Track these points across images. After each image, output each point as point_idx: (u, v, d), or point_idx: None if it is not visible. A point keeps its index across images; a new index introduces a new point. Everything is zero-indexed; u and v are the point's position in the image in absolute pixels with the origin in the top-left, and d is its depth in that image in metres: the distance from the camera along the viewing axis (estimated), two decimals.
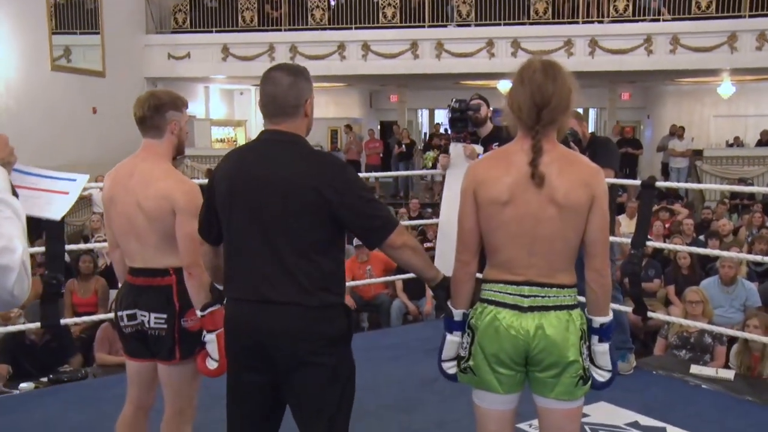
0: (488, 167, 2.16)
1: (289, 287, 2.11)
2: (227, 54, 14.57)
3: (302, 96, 2.19)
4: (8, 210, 1.46)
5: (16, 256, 1.38)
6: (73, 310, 6.32)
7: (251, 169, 2.17)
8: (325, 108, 18.72)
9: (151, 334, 2.59)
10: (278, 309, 2.12)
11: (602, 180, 2.13)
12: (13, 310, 6.44)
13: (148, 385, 2.73)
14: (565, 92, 2.07)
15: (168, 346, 2.57)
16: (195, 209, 2.42)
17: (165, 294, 2.56)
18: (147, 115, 2.55)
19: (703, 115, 17.62)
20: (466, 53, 13.75)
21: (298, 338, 2.12)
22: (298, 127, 2.21)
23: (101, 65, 13.62)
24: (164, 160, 2.59)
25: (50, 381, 4.47)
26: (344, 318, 2.21)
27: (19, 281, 1.39)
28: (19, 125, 10.96)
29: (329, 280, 2.17)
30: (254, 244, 2.15)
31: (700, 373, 4.24)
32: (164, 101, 2.57)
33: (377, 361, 4.36)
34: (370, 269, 7.02)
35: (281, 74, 2.19)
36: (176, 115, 2.59)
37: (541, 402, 2.16)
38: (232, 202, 2.18)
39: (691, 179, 13.71)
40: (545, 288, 2.10)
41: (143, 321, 2.58)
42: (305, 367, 2.14)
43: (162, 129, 2.57)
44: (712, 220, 9.74)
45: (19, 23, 11.62)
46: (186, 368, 2.62)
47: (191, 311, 2.55)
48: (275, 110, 2.18)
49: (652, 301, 6.85)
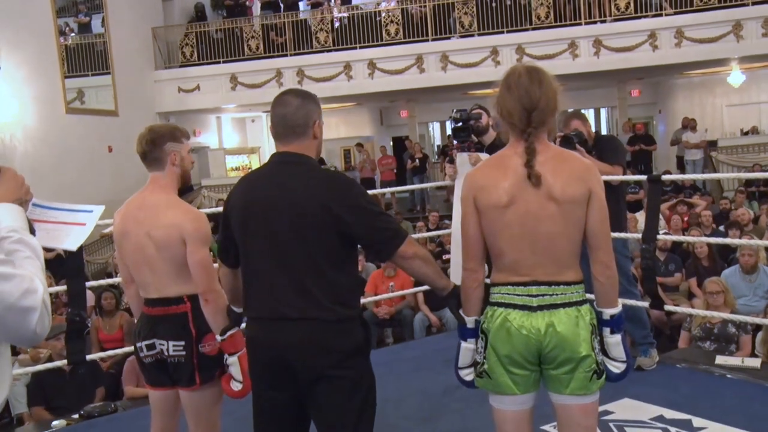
0: (485, 174, 2.20)
1: (305, 304, 2.17)
2: (236, 83, 14.76)
3: (310, 117, 2.27)
4: (27, 250, 1.52)
5: (38, 296, 1.43)
6: (101, 347, 6.41)
7: (262, 192, 2.24)
8: (336, 128, 18.86)
9: (171, 362, 2.64)
10: (295, 325, 2.17)
11: (596, 174, 2.18)
12: (42, 350, 6.56)
13: (170, 414, 2.78)
14: (551, 94, 2.13)
15: (188, 372, 2.62)
16: (204, 237, 2.50)
17: (181, 321, 2.61)
18: (147, 150, 2.63)
19: (715, 106, 17.48)
20: (472, 63, 13.81)
21: (316, 352, 2.17)
22: (307, 148, 2.28)
23: (114, 104, 13.86)
24: (170, 191, 2.66)
25: (81, 417, 4.53)
26: (361, 331, 2.26)
27: (41, 320, 1.44)
28: (38, 167, 11.18)
29: (344, 295, 2.22)
30: (269, 264, 2.21)
31: (726, 363, 4.20)
32: (161, 134, 2.64)
33: (400, 373, 4.38)
34: (392, 285, 7.05)
35: (290, 97, 2.29)
36: (175, 146, 2.65)
37: (557, 399, 2.18)
38: (246, 225, 2.25)
39: (707, 171, 13.60)
40: (552, 286, 2.13)
41: (162, 350, 2.64)
42: (325, 381, 2.18)
43: (163, 161, 2.63)
44: (731, 210, 9.66)
45: (32, 70, 11.89)
46: (207, 393, 2.67)
47: (208, 336, 2.61)
48: (284, 131, 2.26)
49: (675, 295, 6.82)
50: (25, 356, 6.61)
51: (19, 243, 1.52)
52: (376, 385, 2.30)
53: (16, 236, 1.53)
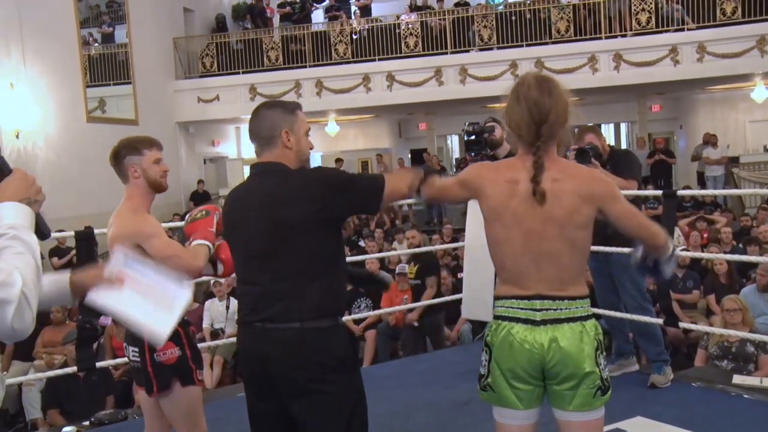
0: (493, 182, 2.15)
1: (287, 309, 2.16)
2: (255, 93, 14.85)
3: (276, 127, 2.26)
4: (21, 246, 1.52)
5: (15, 289, 1.42)
6: (114, 354, 6.44)
7: (241, 202, 2.29)
8: (354, 140, 18.92)
9: (134, 367, 2.72)
10: (277, 333, 2.15)
11: (602, 180, 2.16)
12: (57, 356, 6.61)
13: (155, 414, 2.82)
14: (561, 106, 2.09)
15: (145, 379, 2.68)
16: (150, 231, 2.57)
17: None
18: (112, 165, 2.74)
19: (738, 122, 17.29)
20: (491, 76, 13.78)
21: (296, 365, 2.15)
22: (281, 157, 2.27)
23: (134, 113, 13.99)
24: (132, 203, 2.71)
25: (92, 423, 4.54)
26: (345, 344, 2.24)
27: (18, 315, 1.42)
28: (60, 176, 11.32)
29: (326, 301, 2.19)
30: (252, 271, 2.24)
31: (743, 383, 4.11)
32: (119, 148, 2.73)
33: (409, 387, 4.34)
34: (406, 299, 7.02)
35: (260, 108, 2.33)
36: (134, 159, 2.71)
37: (561, 415, 2.15)
38: (231, 235, 2.34)
39: (728, 187, 13.43)
40: (557, 301, 2.10)
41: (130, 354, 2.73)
42: (308, 395, 2.15)
43: (125, 174, 2.72)
44: (752, 227, 9.52)
45: (55, 79, 12.05)
46: (173, 398, 2.70)
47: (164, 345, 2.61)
48: (255, 142, 2.31)
49: (693, 313, 6.72)
50: (40, 362, 6.68)
51: (14, 239, 1.52)
52: (385, 397, 2.26)
53: (12, 233, 1.53)
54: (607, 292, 4.34)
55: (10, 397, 6.40)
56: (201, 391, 2.82)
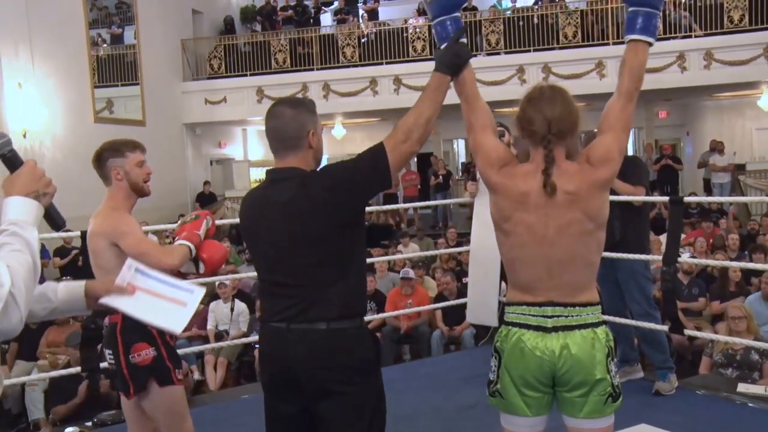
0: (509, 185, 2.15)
1: (312, 310, 2.14)
2: (262, 96, 14.88)
3: (304, 127, 2.19)
4: (18, 243, 1.50)
5: (2, 290, 1.41)
6: None
7: (259, 211, 2.22)
8: (361, 143, 18.88)
9: (112, 370, 2.72)
10: (303, 333, 2.14)
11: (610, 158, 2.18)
12: (60, 357, 6.61)
13: (135, 417, 2.82)
14: (572, 109, 2.12)
15: (122, 381, 2.68)
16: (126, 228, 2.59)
17: (112, 331, 2.67)
18: (95, 168, 2.74)
19: (745, 129, 17.24)
20: (498, 81, 13.77)
21: (322, 366, 2.13)
22: (303, 160, 2.21)
23: (141, 114, 14.04)
24: (112, 204, 2.73)
25: (94, 424, 4.55)
26: (370, 345, 2.22)
27: (4, 315, 1.40)
28: (66, 175, 11.28)
29: (349, 301, 2.18)
30: (275, 275, 2.21)
31: (748, 391, 4.10)
32: (102, 150, 2.74)
33: (415, 391, 4.34)
34: (410, 303, 7.02)
35: (283, 107, 2.23)
36: (117, 161, 2.72)
37: (571, 422, 2.14)
38: (252, 243, 2.30)
39: (735, 194, 13.39)
40: (568, 308, 2.09)
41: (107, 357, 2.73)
42: (331, 396, 2.14)
43: (107, 177, 2.74)
44: (758, 234, 9.49)
45: (63, 79, 12.10)
46: (152, 399, 2.70)
47: (137, 346, 2.64)
48: (278, 144, 2.22)
49: (699, 320, 6.69)
50: (44, 362, 6.68)
51: (13, 236, 1.51)
52: (390, 401, 2.26)
53: (12, 229, 1.52)
54: (613, 298, 4.33)
55: (13, 397, 6.41)
56: (183, 391, 2.81)
